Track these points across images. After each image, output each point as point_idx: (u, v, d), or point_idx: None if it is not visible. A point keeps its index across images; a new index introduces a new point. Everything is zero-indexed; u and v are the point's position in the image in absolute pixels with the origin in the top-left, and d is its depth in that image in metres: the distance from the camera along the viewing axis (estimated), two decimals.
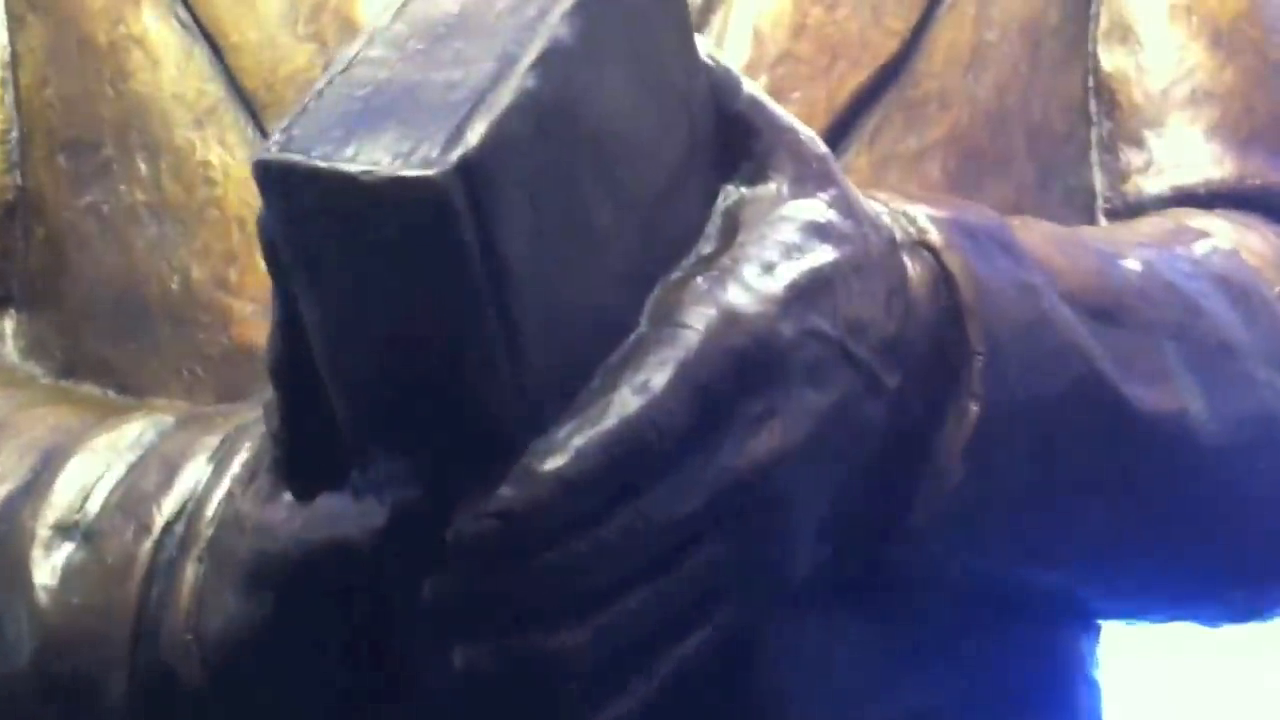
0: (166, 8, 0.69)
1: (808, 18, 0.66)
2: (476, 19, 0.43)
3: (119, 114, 0.69)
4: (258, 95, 0.66)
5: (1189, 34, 0.74)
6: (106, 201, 0.69)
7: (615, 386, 0.46)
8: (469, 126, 0.40)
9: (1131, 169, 0.73)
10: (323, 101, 0.41)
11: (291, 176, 0.40)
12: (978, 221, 0.58)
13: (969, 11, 0.70)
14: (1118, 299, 0.60)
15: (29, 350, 0.72)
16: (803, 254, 0.50)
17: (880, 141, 0.67)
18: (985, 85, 0.70)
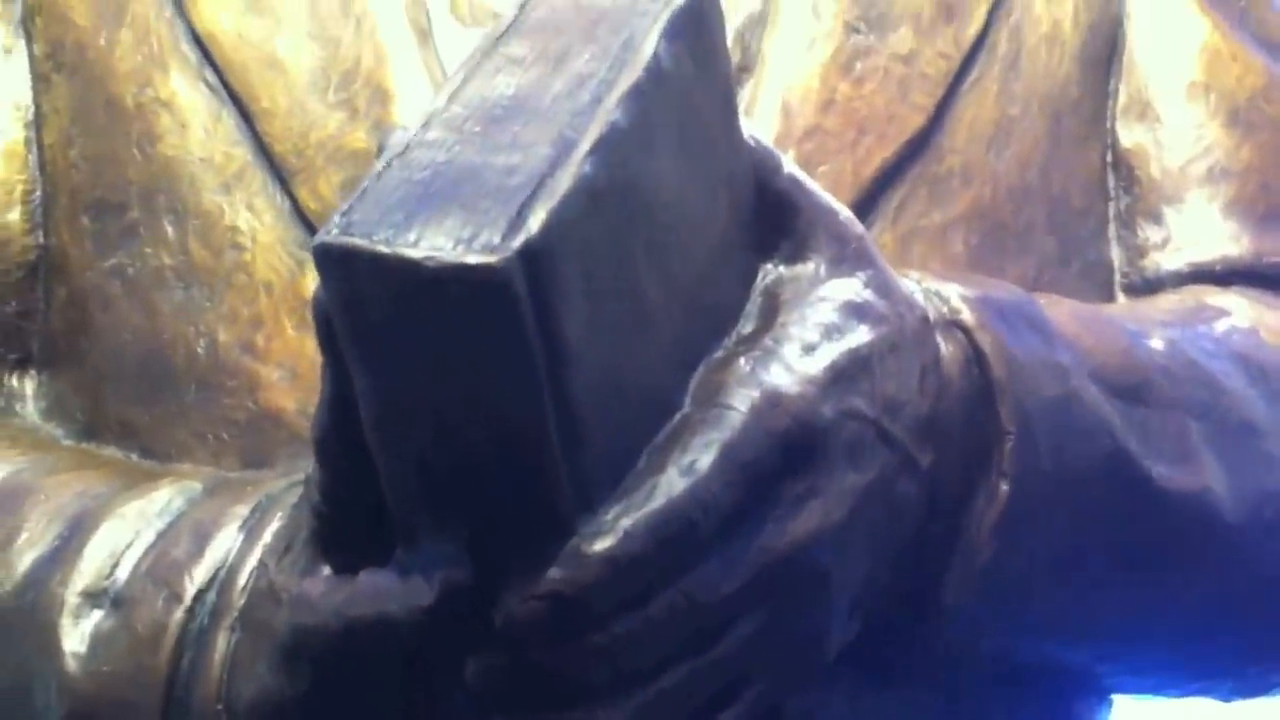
0: (194, 71, 0.69)
1: (835, 93, 0.67)
2: (533, 102, 0.43)
3: (146, 176, 0.69)
4: (287, 161, 0.67)
5: (1207, 112, 0.75)
6: (132, 264, 0.69)
7: (662, 468, 0.46)
8: (530, 213, 0.40)
9: (1149, 245, 0.74)
10: (382, 184, 0.42)
11: (353, 259, 0.40)
12: (1008, 300, 0.58)
13: (992, 88, 0.71)
14: (1143, 377, 0.61)
15: (50, 411, 0.71)
16: (842, 335, 0.51)
17: (905, 216, 0.68)
18: (1007, 160, 0.70)
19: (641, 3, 0.46)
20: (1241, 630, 0.66)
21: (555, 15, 0.46)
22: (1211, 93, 0.75)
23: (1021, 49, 0.72)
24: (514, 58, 0.45)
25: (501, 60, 0.45)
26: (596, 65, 0.44)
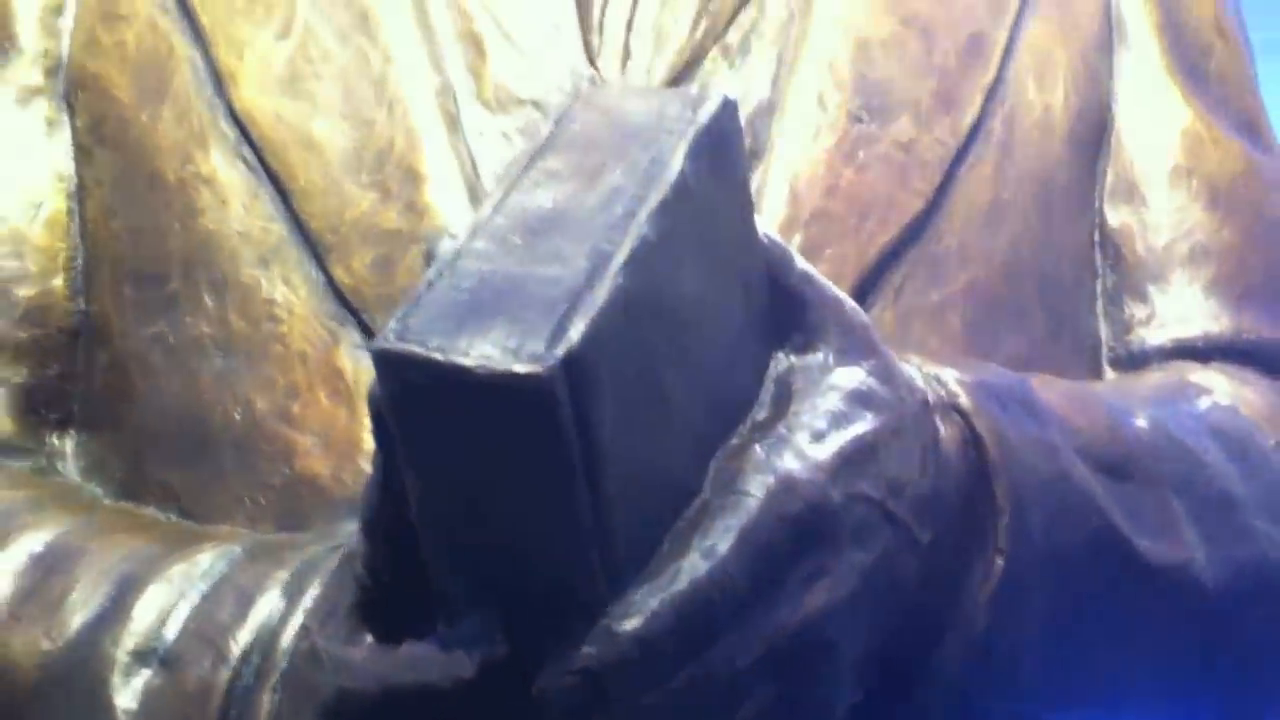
0: (233, 149, 0.73)
1: (840, 179, 0.71)
2: (571, 214, 0.47)
3: (187, 249, 0.72)
4: (322, 238, 0.70)
5: (1189, 195, 0.79)
6: (173, 332, 0.72)
7: (684, 552, 0.50)
8: (570, 324, 0.44)
9: (1135, 321, 0.78)
10: (434, 292, 0.45)
11: (408, 364, 0.44)
12: (1002, 384, 0.62)
13: (987, 172, 0.74)
14: (1129, 454, 0.65)
15: (89, 470, 0.75)
16: (849, 423, 0.54)
17: (905, 295, 0.71)
18: (1001, 240, 0.74)
19: (668, 120, 0.50)
20: (1221, 692, 0.70)
21: (589, 131, 0.50)
22: (1194, 177, 0.79)
23: (1015, 134, 0.76)
24: (552, 172, 0.49)
25: (541, 174, 0.48)
26: (627, 181, 0.48)
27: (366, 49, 0.72)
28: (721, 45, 0.73)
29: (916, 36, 0.74)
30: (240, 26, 0.73)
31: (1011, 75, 0.76)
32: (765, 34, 0.74)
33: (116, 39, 0.76)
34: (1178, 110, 0.81)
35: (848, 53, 0.73)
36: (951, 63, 0.74)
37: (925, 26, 0.75)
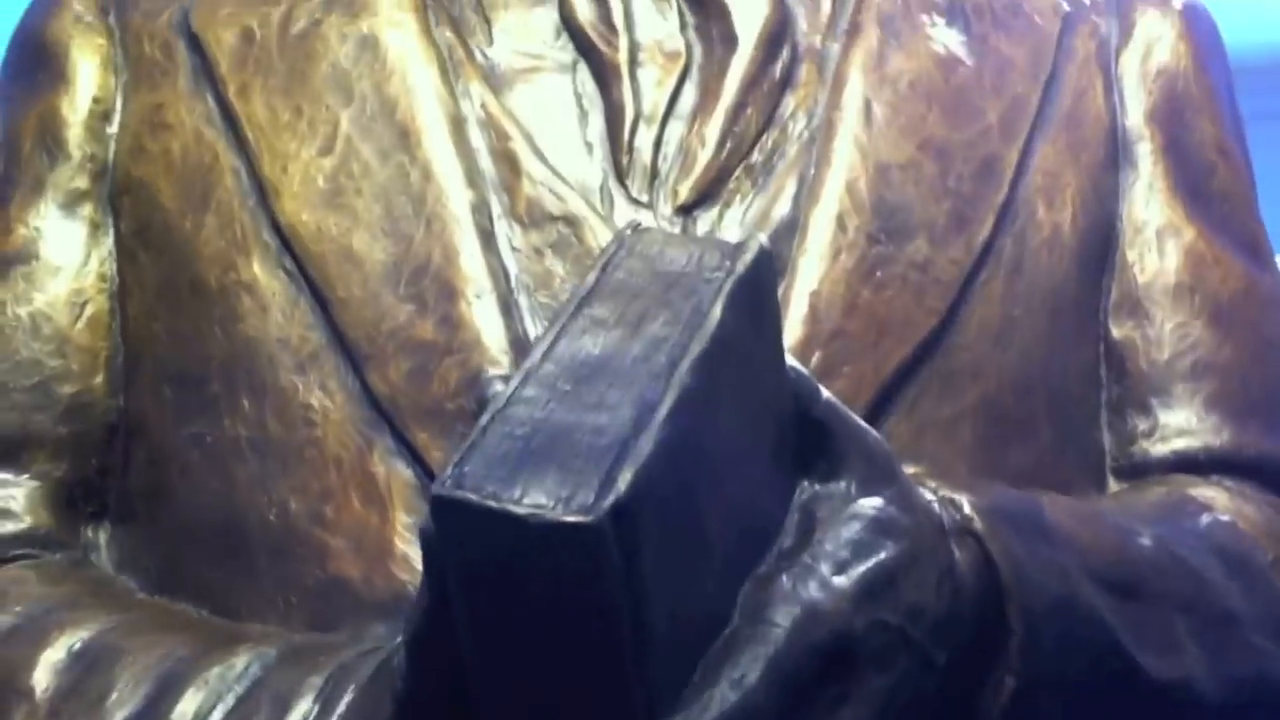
0: (275, 259, 0.75)
1: (859, 298, 0.74)
2: (616, 361, 0.50)
3: (227, 354, 0.75)
4: (359, 347, 0.73)
5: (1191, 311, 0.82)
6: (210, 433, 0.75)
7: (715, 681, 0.52)
8: (619, 475, 0.46)
9: (1138, 433, 0.80)
10: (487, 438, 0.48)
11: (464, 511, 0.47)
12: (1015, 507, 0.65)
13: (998, 289, 0.77)
14: (1134, 574, 0.68)
15: (123, 563, 0.77)
16: (871, 552, 0.57)
17: (919, 410, 0.74)
18: (1011, 356, 0.77)
19: (708, 269, 0.53)
20: None
21: (632, 279, 0.53)
22: (1196, 294, 0.82)
23: (1025, 253, 0.79)
24: (598, 319, 0.51)
25: (587, 321, 0.51)
26: (670, 330, 0.51)
27: (406, 166, 0.75)
28: (746, 165, 0.76)
29: (932, 160, 0.77)
30: (284, 140, 0.76)
31: (1022, 196, 0.79)
32: (788, 154, 0.77)
33: (162, 147, 0.79)
34: (1181, 229, 0.83)
35: (867, 177, 0.76)
36: (966, 186, 0.77)
37: (941, 150, 0.78)
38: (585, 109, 0.77)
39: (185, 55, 0.80)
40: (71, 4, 0.84)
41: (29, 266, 0.80)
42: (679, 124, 0.76)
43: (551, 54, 0.78)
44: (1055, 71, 0.83)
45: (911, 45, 0.80)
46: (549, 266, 0.73)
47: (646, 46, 0.78)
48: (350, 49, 0.77)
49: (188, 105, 0.79)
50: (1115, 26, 0.86)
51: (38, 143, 0.82)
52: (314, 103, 0.77)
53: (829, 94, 0.78)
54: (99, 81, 0.82)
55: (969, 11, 0.82)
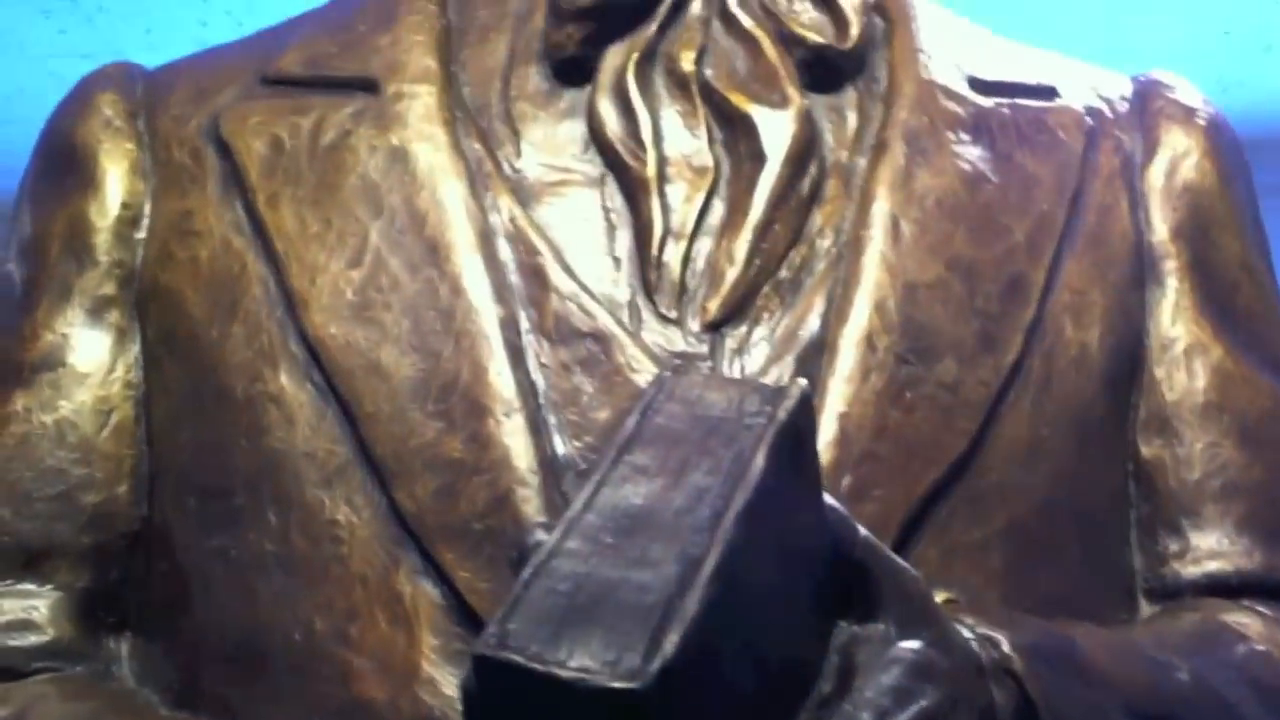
0: (302, 371, 0.75)
1: (888, 420, 0.73)
2: (659, 514, 0.50)
3: (252, 466, 0.74)
4: (386, 462, 0.72)
5: (1220, 431, 0.82)
6: (234, 547, 0.74)
7: None
8: (665, 638, 0.46)
9: (1169, 554, 0.80)
10: (530, 594, 0.47)
11: (508, 672, 0.46)
12: (1051, 644, 0.65)
13: (1027, 409, 0.77)
14: (1169, 710, 0.67)
15: (143, 676, 0.76)
16: (911, 699, 0.57)
17: (949, 533, 0.74)
18: (1040, 477, 0.77)
19: (748, 415, 0.52)
20: None
21: (673, 424, 0.52)
22: (1225, 413, 0.82)
23: (1053, 372, 0.78)
24: (639, 467, 0.51)
25: (629, 469, 0.51)
26: (712, 480, 0.50)
27: (435, 280, 0.74)
28: (774, 282, 0.76)
29: (960, 279, 0.77)
30: (313, 251, 0.76)
31: (1050, 314, 0.79)
32: (816, 271, 0.76)
33: (190, 254, 0.79)
34: (1208, 347, 0.83)
35: (896, 296, 0.75)
36: (994, 305, 0.77)
37: (968, 269, 0.78)
38: (613, 223, 0.77)
39: (215, 162, 0.80)
40: (101, 108, 0.84)
41: (55, 373, 0.79)
42: (707, 240, 0.76)
43: (580, 167, 0.78)
44: (1081, 188, 0.83)
45: (938, 162, 0.80)
46: (577, 383, 0.73)
47: (674, 161, 0.78)
48: (380, 161, 0.77)
49: (216, 212, 0.79)
50: (1139, 141, 0.86)
51: (65, 247, 0.81)
52: (343, 214, 0.77)
53: (856, 210, 0.78)
54: (127, 187, 0.82)
55: (994, 127, 0.82)
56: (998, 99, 0.84)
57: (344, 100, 0.80)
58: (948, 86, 0.82)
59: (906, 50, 0.83)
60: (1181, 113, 0.88)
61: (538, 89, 0.80)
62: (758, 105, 0.78)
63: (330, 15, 0.86)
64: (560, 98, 0.80)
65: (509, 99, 0.80)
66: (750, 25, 0.81)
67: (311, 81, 0.82)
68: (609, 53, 0.79)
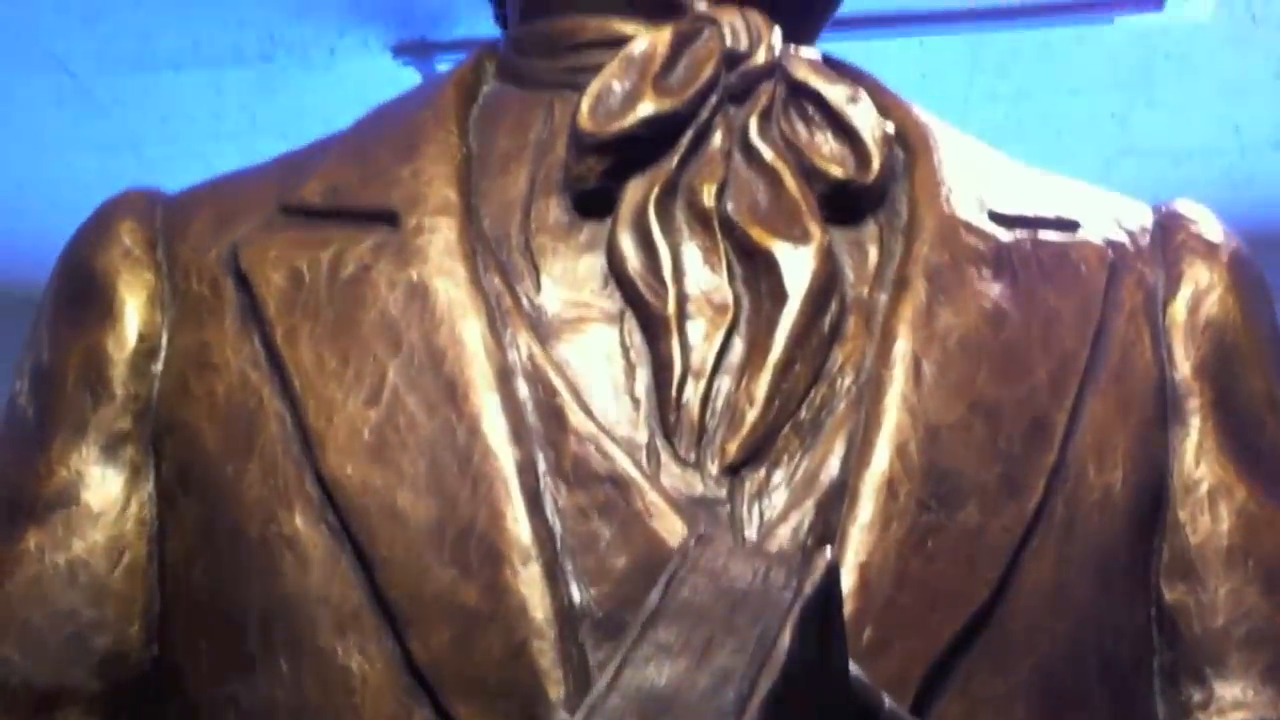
0: (317, 512, 0.74)
1: (909, 568, 0.72)
2: (683, 696, 0.48)
3: (265, 609, 0.73)
4: (400, 608, 0.71)
5: (1245, 577, 0.80)
6: (246, 694, 0.73)
7: None
8: None
9: (1193, 704, 0.78)
10: None
11: None
12: None
13: (1050, 555, 0.76)
14: None
15: None
16: None
17: (972, 686, 0.72)
18: (1064, 623, 0.75)
19: (774, 587, 0.51)
20: None
21: (697, 598, 0.52)
22: (1250, 558, 0.81)
23: (1076, 516, 0.77)
24: (663, 645, 0.50)
25: (652, 648, 0.50)
26: (737, 660, 0.49)
27: (452, 421, 0.74)
28: (794, 422, 0.75)
29: (983, 421, 0.76)
30: (331, 388, 0.75)
31: (1072, 457, 0.78)
32: (836, 411, 0.76)
33: (207, 388, 0.78)
34: (1233, 488, 0.82)
35: (917, 439, 0.74)
36: (1016, 448, 0.76)
37: (991, 410, 0.77)
38: (632, 362, 0.76)
39: (233, 293, 0.80)
40: (121, 237, 0.84)
41: (68, 511, 0.78)
42: (727, 379, 0.76)
43: (599, 303, 0.78)
44: (1103, 324, 0.82)
45: (960, 300, 0.79)
46: (594, 529, 0.72)
47: (694, 298, 0.77)
48: (399, 297, 0.77)
49: (234, 346, 0.78)
50: (1161, 276, 0.86)
51: (81, 380, 0.81)
52: (361, 351, 0.76)
53: (877, 348, 0.77)
54: (145, 318, 0.81)
55: (1016, 262, 0.82)
56: (1019, 232, 0.83)
57: (364, 233, 0.79)
58: (969, 221, 0.82)
59: (928, 182, 0.83)
60: (1204, 247, 0.87)
61: (558, 221, 0.80)
62: (779, 241, 0.78)
63: (353, 141, 0.86)
64: (581, 230, 0.80)
65: (529, 231, 0.80)
66: (771, 158, 0.80)
67: (332, 212, 0.81)
68: (630, 185, 0.79)
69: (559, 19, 0.88)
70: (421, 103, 0.87)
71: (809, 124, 0.82)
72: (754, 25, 0.84)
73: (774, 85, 0.83)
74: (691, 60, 0.82)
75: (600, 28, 0.86)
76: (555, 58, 0.87)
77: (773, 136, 0.81)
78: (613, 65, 0.81)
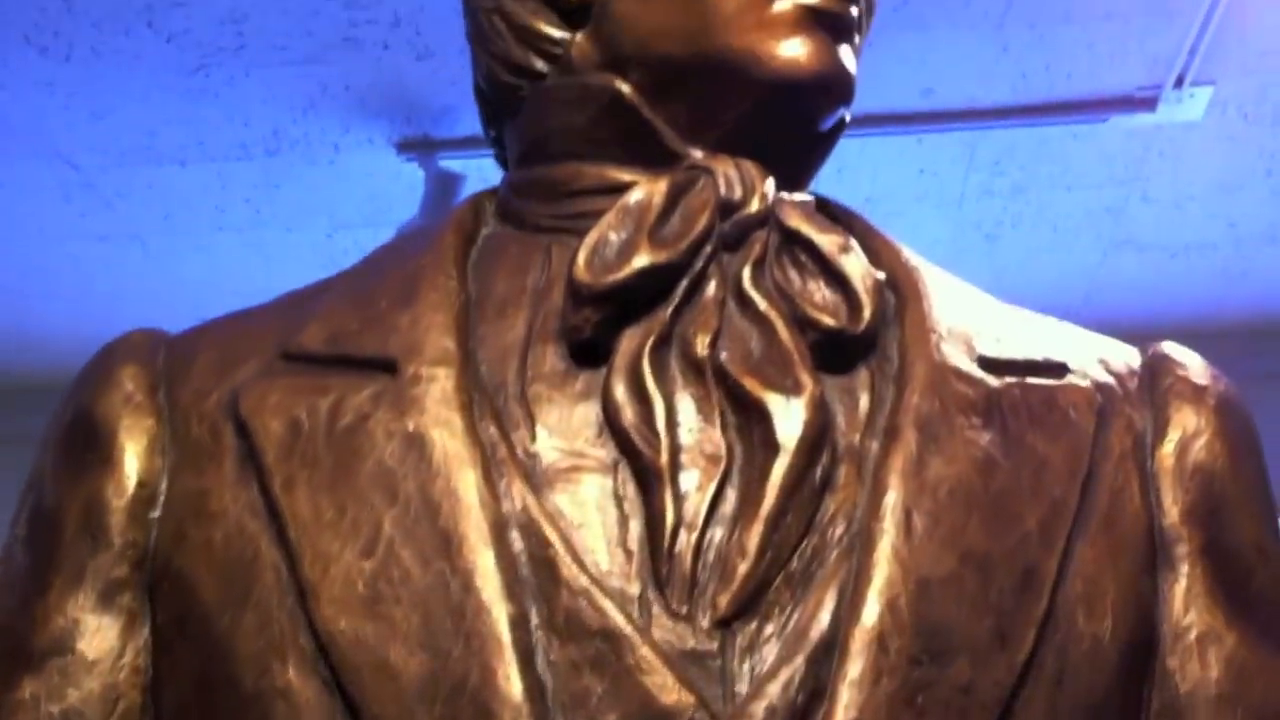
0: (310, 665, 0.74)
1: None
2: None
3: None
4: None
5: None
6: None
7: None
8: None
9: None
10: None
11: None
12: None
13: (1040, 707, 0.76)
14: None
15: None
16: None
17: None
18: None
19: None
20: None
21: None
22: (1239, 706, 0.81)
23: (1066, 667, 0.77)
24: None
25: None
26: None
27: (446, 574, 0.74)
28: (785, 574, 0.76)
29: (973, 573, 0.77)
30: (326, 539, 0.76)
31: (1062, 605, 0.78)
32: (827, 562, 0.76)
33: (204, 536, 0.79)
34: (1222, 635, 0.83)
35: (908, 593, 0.75)
36: (1007, 600, 0.77)
37: (982, 562, 0.77)
38: (626, 513, 0.77)
39: (233, 440, 0.81)
40: (123, 382, 0.85)
41: (64, 659, 0.79)
42: (719, 530, 0.76)
43: (593, 453, 0.78)
44: (1092, 470, 0.83)
45: (950, 449, 0.80)
46: (586, 684, 0.72)
47: (688, 448, 0.78)
48: (396, 447, 0.78)
49: (232, 494, 0.79)
50: (1150, 420, 0.87)
51: (81, 528, 0.82)
52: (358, 501, 0.77)
53: (868, 499, 0.78)
54: (145, 465, 0.82)
55: (1005, 409, 0.83)
56: (1008, 378, 0.84)
57: (363, 381, 0.81)
58: (959, 368, 0.83)
59: (918, 329, 0.84)
60: (1192, 391, 0.88)
61: (554, 369, 0.81)
62: (771, 392, 0.79)
63: (354, 283, 0.87)
64: (576, 379, 0.81)
65: (526, 379, 0.81)
66: (764, 307, 0.82)
67: (332, 359, 0.82)
68: (625, 335, 0.80)
69: (558, 165, 0.89)
70: (422, 246, 0.88)
71: (802, 271, 0.84)
72: (748, 175, 0.85)
73: (767, 233, 0.84)
74: (687, 210, 0.83)
75: (598, 175, 0.88)
76: (554, 203, 0.89)
77: (766, 285, 0.83)
78: (609, 216, 0.82)
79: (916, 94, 2.96)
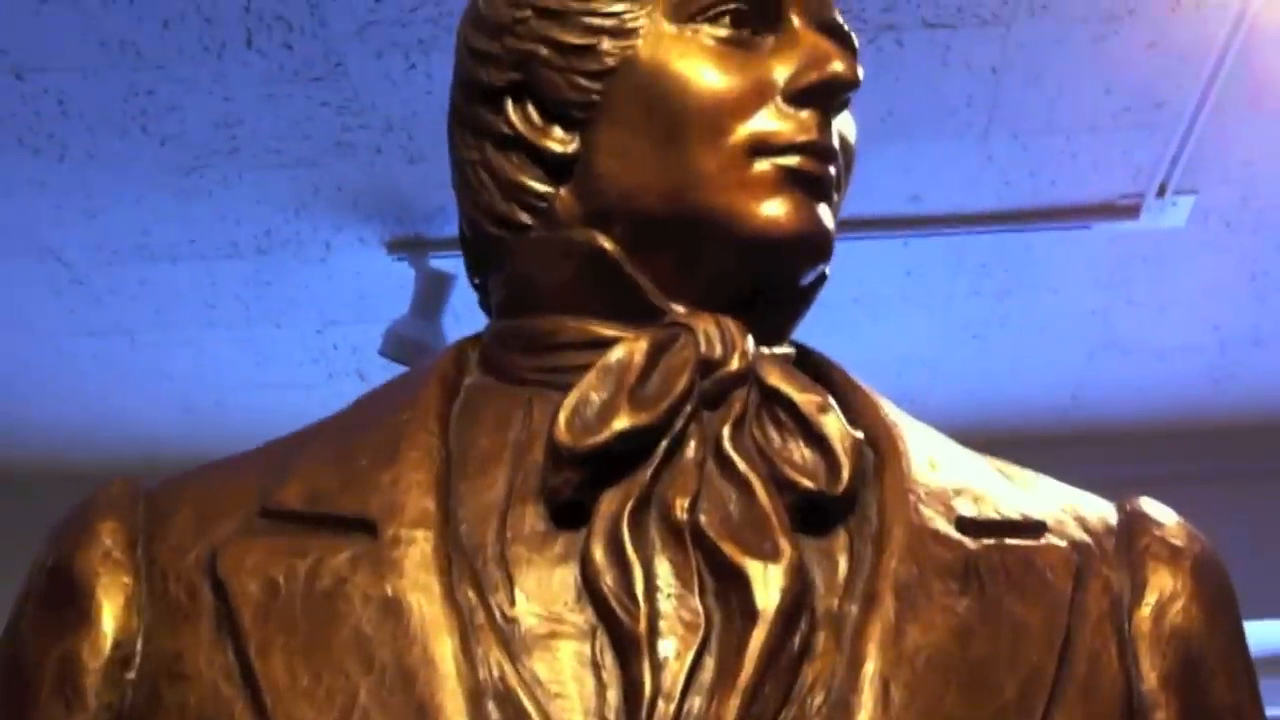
0: None
1: None
2: None
3: None
4: None
5: None
6: None
7: None
8: None
9: None
10: None
11: None
12: None
13: None
14: None
15: None
16: None
17: None
18: None
19: None
20: None
21: None
22: None
23: None
24: None
25: None
26: None
27: None
28: None
29: None
30: (301, 707, 0.76)
31: None
32: None
33: (179, 700, 0.79)
34: None
35: None
36: None
37: None
38: (604, 681, 0.77)
39: (209, 600, 0.81)
40: (102, 538, 0.85)
41: None
42: (698, 700, 0.76)
43: (572, 618, 0.78)
44: (1070, 634, 0.83)
45: (927, 616, 0.80)
46: None
47: (666, 615, 0.78)
48: (373, 613, 0.78)
49: (207, 656, 0.79)
50: (1127, 582, 0.87)
51: (56, 690, 0.81)
52: (334, 669, 0.77)
53: (846, 668, 0.78)
54: (121, 624, 0.82)
55: (983, 572, 0.83)
56: (986, 540, 0.85)
57: (342, 542, 0.81)
58: (937, 530, 0.83)
59: (896, 489, 0.84)
60: (1168, 552, 0.89)
61: (534, 530, 0.81)
62: (749, 558, 0.79)
63: (336, 438, 0.88)
64: (556, 541, 0.81)
65: (505, 540, 0.81)
66: (744, 468, 0.82)
67: (311, 518, 0.83)
68: (605, 498, 0.81)
69: (540, 317, 0.90)
70: (405, 398, 0.88)
71: (781, 430, 0.84)
72: (728, 332, 0.86)
73: (747, 391, 0.85)
74: (667, 369, 0.84)
75: (579, 329, 0.89)
76: (536, 355, 0.89)
77: (745, 445, 0.83)
78: (590, 375, 0.83)
79: (904, 200, 2.99)
